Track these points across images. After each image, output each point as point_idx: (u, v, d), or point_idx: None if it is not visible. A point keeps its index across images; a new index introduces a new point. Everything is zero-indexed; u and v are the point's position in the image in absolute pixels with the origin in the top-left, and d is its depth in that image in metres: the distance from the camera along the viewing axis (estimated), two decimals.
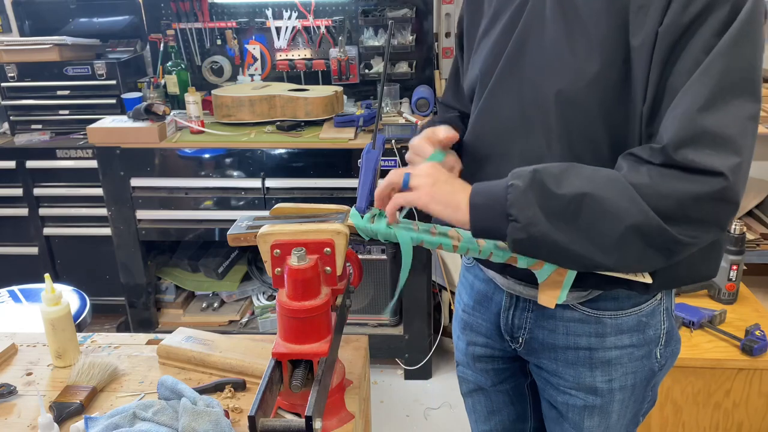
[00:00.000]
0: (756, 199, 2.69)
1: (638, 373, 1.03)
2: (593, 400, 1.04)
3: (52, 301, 1.16)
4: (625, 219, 0.79)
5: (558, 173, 0.82)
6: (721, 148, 0.78)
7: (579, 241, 0.81)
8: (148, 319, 2.67)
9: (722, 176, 0.77)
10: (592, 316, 1.00)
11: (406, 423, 2.38)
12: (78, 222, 2.76)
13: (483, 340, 1.17)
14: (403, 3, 2.68)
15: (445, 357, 2.75)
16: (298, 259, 0.90)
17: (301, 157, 2.36)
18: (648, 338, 1.02)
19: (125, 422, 0.95)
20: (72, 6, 2.89)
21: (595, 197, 0.80)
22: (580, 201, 0.80)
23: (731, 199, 0.79)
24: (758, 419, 1.81)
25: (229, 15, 2.77)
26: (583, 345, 1.02)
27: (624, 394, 1.04)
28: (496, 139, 1.00)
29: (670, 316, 1.05)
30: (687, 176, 0.78)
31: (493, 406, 1.25)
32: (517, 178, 0.82)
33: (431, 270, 2.51)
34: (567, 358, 1.04)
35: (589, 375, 1.03)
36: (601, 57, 0.86)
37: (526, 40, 0.94)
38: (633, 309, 1.00)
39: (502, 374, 1.20)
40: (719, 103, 0.78)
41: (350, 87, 2.77)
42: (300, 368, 0.91)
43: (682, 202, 0.78)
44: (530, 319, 1.06)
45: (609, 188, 0.80)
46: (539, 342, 1.06)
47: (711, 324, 1.87)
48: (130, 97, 2.64)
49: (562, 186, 0.81)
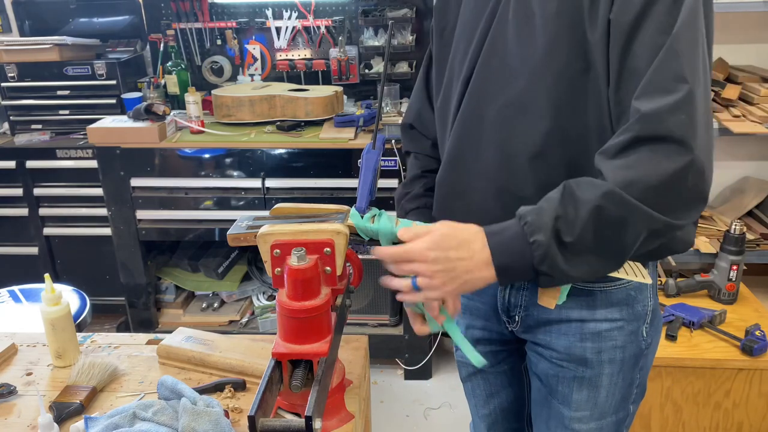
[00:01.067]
0: (756, 199, 2.69)
1: (627, 348, 1.05)
2: (582, 371, 1.06)
3: (52, 301, 1.16)
4: (636, 228, 0.83)
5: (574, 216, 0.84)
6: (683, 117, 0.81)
7: (602, 267, 0.88)
8: (148, 319, 2.67)
9: (689, 147, 0.81)
10: (583, 289, 1.02)
11: (406, 423, 2.38)
12: (78, 222, 2.76)
13: (481, 323, 1.19)
14: (403, 3, 2.68)
15: (445, 357, 2.75)
16: (298, 259, 0.90)
17: (301, 157, 2.36)
18: (636, 314, 1.04)
19: (125, 422, 0.95)
20: (72, 6, 2.89)
21: (600, 218, 0.83)
22: (590, 232, 0.83)
23: (704, 170, 0.82)
24: (758, 419, 1.81)
25: (229, 15, 2.77)
26: (575, 317, 1.04)
27: (612, 368, 1.05)
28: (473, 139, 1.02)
29: (656, 294, 1.08)
30: (654, 154, 0.82)
31: (491, 388, 1.27)
32: (538, 232, 0.84)
33: None
34: (560, 329, 1.06)
35: (579, 345, 1.05)
36: (560, 51, 0.89)
37: (493, 48, 0.97)
38: (621, 282, 1.02)
39: (500, 355, 1.22)
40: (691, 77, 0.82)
41: (350, 87, 2.77)
42: (300, 368, 0.91)
43: (664, 189, 0.82)
44: (525, 296, 1.08)
45: (610, 206, 0.83)
46: (534, 319, 1.08)
47: (711, 324, 1.87)
48: (130, 97, 2.64)
49: (576, 227, 0.83)
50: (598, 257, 0.85)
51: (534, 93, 0.93)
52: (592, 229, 0.83)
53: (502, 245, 0.86)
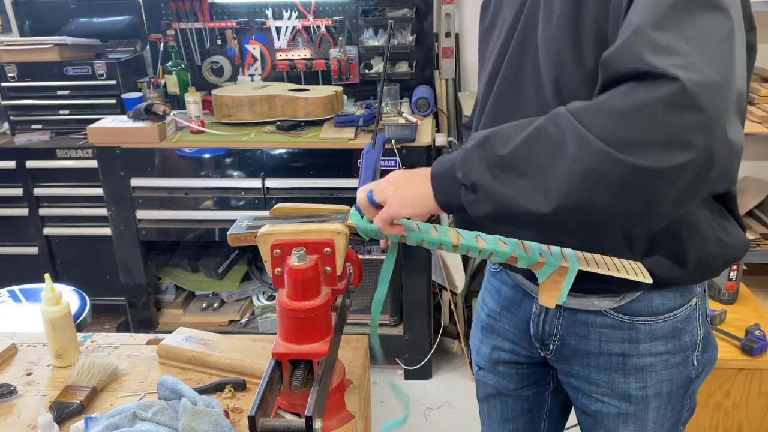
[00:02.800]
0: (756, 199, 2.70)
1: (674, 380, 1.00)
2: (627, 407, 1.02)
3: (52, 301, 1.16)
4: (573, 160, 0.69)
5: (512, 132, 0.76)
6: (670, 55, 0.66)
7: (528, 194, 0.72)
8: (148, 319, 2.67)
9: (675, 80, 0.64)
10: (625, 322, 0.98)
11: (406, 423, 2.38)
12: (78, 222, 2.76)
13: (509, 346, 1.15)
14: (403, 3, 2.68)
15: (445, 357, 2.75)
16: (298, 259, 0.90)
17: (301, 157, 2.36)
18: (684, 345, 0.99)
19: (125, 422, 0.95)
20: (72, 6, 2.88)
21: (537, 137, 0.72)
22: (524, 149, 0.73)
23: (694, 107, 0.64)
24: (758, 419, 1.81)
25: (229, 15, 2.77)
26: (616, 351, 1.00)
27: (660, 401, 1.01)
28: None
29: (706, 321, 1.02)
30: (630, 87, 0.67)
31: (509, 413, 1.22)
32: (471, 140, 0.79)
33: (431, 270, 2.51)
34: (600, 363, 1.02)
35: (623, 381, 1.01)
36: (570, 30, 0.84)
37: (525, 40, 0.94)
38: (667, 315, 0.98)
39: (527, 379, 1.18)
40: (676, 21, 0.68)
41: (350, 87, 2.77)
42: (300, 368, 0.91)
43: (627, 118, 0.66)
44: (561, 325, 1.04)
45: (550, 125, 0.72)
46: (571, 348, 1.04)
47: (711, 324, 1.87)
48: (130, 97, 2.64)
49: (509, 141, 0.74)
50: (525, 181, 0.72)
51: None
52: (526, 147, 0.73)
53: (443, 158, 0.84)
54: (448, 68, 2.79)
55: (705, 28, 0.68)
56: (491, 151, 0.75)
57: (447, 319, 2.76)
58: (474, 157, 0.76)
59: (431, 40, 2.73)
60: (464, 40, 2.87)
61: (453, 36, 2.76)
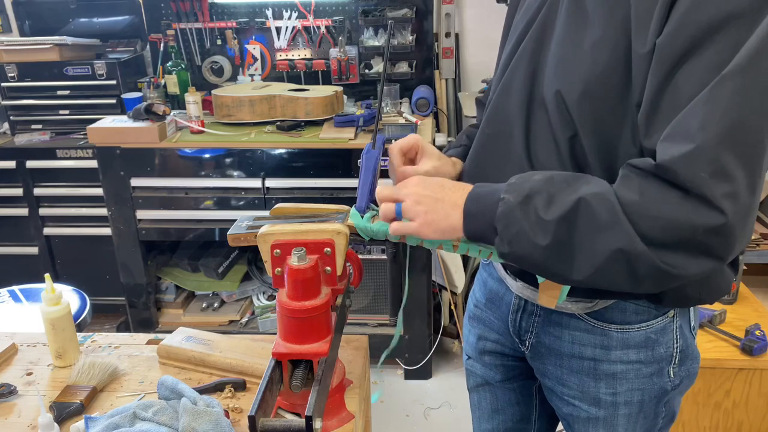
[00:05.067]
0: None
1: (647, 390, 1.00)
2: (596, 412, 1.03)
3: (52, 301, 1.16)
4: (609, 242, 0.76)
5: (554, 193, 0.79)
6: (726, 181, 0.73)
7: (561, 262, 0.79)
8: (148, 319, 2.67)
9: (722, 213, 0.73)
10: (597, 327, 0.99)
11: (406, 423, 2.38)
12: (78, 222, 2.76)
13: (494, 336, 1.16)
14: (403, 3, 2.68)
15: (445, 357, 2.75)
16: (298, 259, 0.90)
17: (301, 157, 2.36)
18: (658, 356, 0.99)
19: (125, 422, 0.95)
20: (72, 6, 2.89)
21: (582, 213, 0.77)
22: (567, 222, 0.78)
23: (729, 234, 0.74)
24: (758, 419, 1.81)
25: (229, 15, 2.77)
26: (588, 355, 1.01)
27: (630, 409, 1.02)
28: (503, 125, 0.99)
29: (686, 335, 1.01)
30: (681, 200, 0.74)
31: (498, 403, 1.24)
32: (512, 192, 0.81)
33: (431, 270, 2.51)
34: (572, 366, 1.03)
35: (594, 385, 1.02)
36: (605, 60, 0.84)
37: (542, 37, 0.93)
38: (641, 324, 0.98)
39: (511, 371, 1.19)
40: (731, 130, 0.72)
41: (350, 87, 2.77)
42: (300, 368, 0.91)
43: (669, 227, 0.74)
44: (537, 323, 1.05)
45: (596, 206, 0.77)
46: (546, 347, 1.05)
47: (711, 324, 1.87)
48: (130, 97, 2.64)
49: (552, 207, 0.78)
50: (554, 250, 0.79)
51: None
52: (565, 217, 0.77)
53: (478, 195, 0.85)
54: (448, 68, 2.79)
55: (758, 147, 0.74)
56: (534, 212, 0.79)
57: (447, 319, 2.76)
58: (516, 217, 0.80)
59: (431, 40, 2.73)
60: (464, 40, 2.88)
61: (453, 36, 2.76)
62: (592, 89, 0.85)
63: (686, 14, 0.75)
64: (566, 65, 0.88)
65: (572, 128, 0.88)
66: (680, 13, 0.76)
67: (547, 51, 0.92)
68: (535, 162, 0.94)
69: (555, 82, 0.89)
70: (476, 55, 2.90)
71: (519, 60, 0.97)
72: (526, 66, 0.95)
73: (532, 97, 0.94)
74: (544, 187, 0.80)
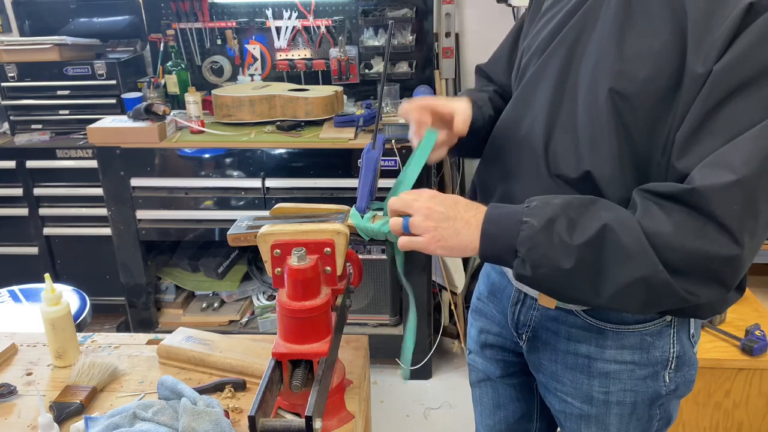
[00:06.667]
0: None
1: (640, 392, 1.01)
2: (588, 410, 1.03)
3: (52, 301, 1.16)
4: (633, 270, 0.78)
5: (574, 218, 0.80)
6: (753, 218, 0.76)
7: (582, 287, 0.81)
8: (148, 319, 2.67)
9: (739, 246, 0.76)
10: (594, 325, 0.99)
11: (406, 423, 2.38)
12: (78, 222, 2.76)
13: (496, 329, 1.17)
14: (403, 3, 2.68)
15: (445, 357, 2.75)
16: (298, 259, 0.90)
17: (301, 157, 2.36)
18: (653, 359, 0.99)
19: (125, 422, 0.95)
20: (72, 6, 2.89)
21: (606, 241, 0.79)
22: (591, 248, 0.79)
23: (740, 266, 0.78)
24: (758, 419, 1.81)
25: (229, 15, 2.77)
26: (583, 352, 1.01)
27: (622, 409, 1.02)
28: (528, 109, 0.98)
29: (684, 341, 1.00)
30: (706, 230, 0.77)
31: (499, 399, 1.24)
32: (534, 216, 0.81)
33: (431, 270, 2.51)
34: (567, 361, 1.03)
35: (587, 383, 1.02)
36: (649, 67, 0.83)
37: (582, 29, 0.92)
38: (636, 325, 0.98)
39: (512, 367, 1.19)
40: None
41: (350, 87, 2.77)
42: (300, 368, 0.91)
43: (692, 257, 0.77)
44: (535, 317, 1.06)
45: (622, 234, 0.78)
46: (542, 341, 1.06)
47: (711, 324, 1.87)
48: (130, 97, 2.64)
49: (575, 234, 0.80)
50: (577, 274, 0.80)
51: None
52: (590, 243, 0.79)
53: (496, 216, 0.85)
54: (448, 68, 2.79)
55: None
56: (558, 236, 0.80)
57: (447, 319, 2.76)
58: (540, 241, 0.80)
59: (431, 40, 2.73)
60: (464, 40, 2.88)
61: (453, 36, 2.76)
62: (637, 92, 0.84)
63: (750, 49, 0.76)
64: (611, 64, 0.86)
65: (608, 129, 0.86)
66: (744, 47, 0.76)
67: (585, 47, 0.90)
68: (551, 155, 0.93)
69: (600, 79, 0.87)
70: (476, 55, 2.89)
71: (556, 48, 0.94)
72: (563, 55, 0.93)
73: (562, 89, 0.93)
74: (564, 211, 0.81)
